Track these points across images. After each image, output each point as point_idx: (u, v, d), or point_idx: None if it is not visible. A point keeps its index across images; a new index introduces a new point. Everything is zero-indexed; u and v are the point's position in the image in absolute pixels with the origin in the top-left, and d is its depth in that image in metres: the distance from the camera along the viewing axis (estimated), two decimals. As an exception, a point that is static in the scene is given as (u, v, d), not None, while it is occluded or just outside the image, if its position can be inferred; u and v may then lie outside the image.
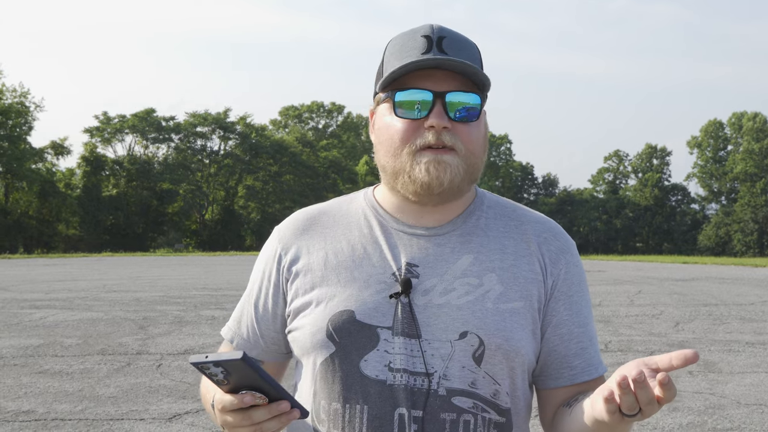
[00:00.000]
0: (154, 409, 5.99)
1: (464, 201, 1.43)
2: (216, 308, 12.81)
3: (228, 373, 1.15)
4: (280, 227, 1.51)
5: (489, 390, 1.32)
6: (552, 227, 1.44)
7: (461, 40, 1.36)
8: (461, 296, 1.34)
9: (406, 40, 1.36)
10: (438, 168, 1.32)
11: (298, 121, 73.55)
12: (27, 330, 10.13)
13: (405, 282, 1.34)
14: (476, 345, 1.31)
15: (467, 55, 1.34)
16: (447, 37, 1.35)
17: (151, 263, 30.23)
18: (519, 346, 1.33)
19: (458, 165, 1.33)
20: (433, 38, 1.34)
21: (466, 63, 1.31)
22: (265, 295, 1.47)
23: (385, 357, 1.32)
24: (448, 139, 1.32)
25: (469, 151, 1.34)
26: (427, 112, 1.32)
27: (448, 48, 1.33)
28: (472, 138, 1.34)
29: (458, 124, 1.33)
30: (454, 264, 1.37)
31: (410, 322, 1.32)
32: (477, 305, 1.33)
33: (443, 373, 1.30)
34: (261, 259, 1.50)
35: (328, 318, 1.35)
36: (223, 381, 1.18)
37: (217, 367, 1.14)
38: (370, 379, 1.32)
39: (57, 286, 17.26)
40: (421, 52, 1.33)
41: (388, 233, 1.41)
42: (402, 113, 1.34)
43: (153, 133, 62.85)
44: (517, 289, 1.36)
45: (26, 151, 53.04)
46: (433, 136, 1.32)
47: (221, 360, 1.13)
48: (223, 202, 64.05)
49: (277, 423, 1.21)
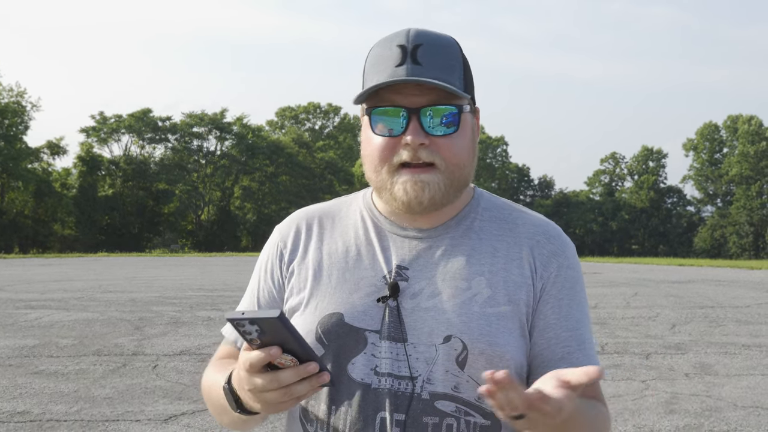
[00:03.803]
0: (150, 410, 5.98)
1: (460, 202, 1.42)
2: (212, 309, 12.78)
3: (262, 332, 1.14)
4: (280, 226, 1.51)
5: (473, 394, 1.32)
6: (547, 230, 1.42)
7: (438, 45, 1.32)
8: (448, 299, 1.34)
9: (383, 50, 1.34)
10: (416, 188, 1.31)
11: (294, 122, 73.53)
12: (22, 330, 10.11)
13: (393, 286, 1.35)
14: (459, 349, 1.31)
15: (443, 62, 1.31)
16: (422, 44, 1.31)
17: (147, 264, 30.18)
18: (504, 350, 1.32)
19: (438, 182, 1.32)
20: (408, 48, 1.31)
21: (433, 82, 1.27)
22: (268, 291, 1.48)
23: (371, 360, 1.33)
24: (425, 155, 1.31)
25: (452, 164, 1.32)
26: (403, 130, 1.31)
27: (422, 57, 1.30)
28: (454, 150, 1.32)
29: (437, 138, 1.31)
30: (443, 267, 1.36)
31: (397, 325, 1.33)
32: (463, 309, 1.33)
33: (427, 377, 1.31)
34: (262, 257, 1.51)
35: (318, 320, 1.36)
36: (255, 340, 1.16)
37: (253, 324, 1.13)
38: (356, 382, 1.33)
39: (52, 287, 17.23)
40: (396, 63, 1.30)
41: (382, 235, 1.41)
42: (379, 131, 1.33)
43: (149, 133, 62.78)
44: (505, 293, 1.35)
45: (22, 150, 52.96)
46: (408, 154, 1.31)
47: (257, 317, 1.12)
48: (219, 203, 64.00)
49: (306, 386, 1.17)
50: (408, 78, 1.28)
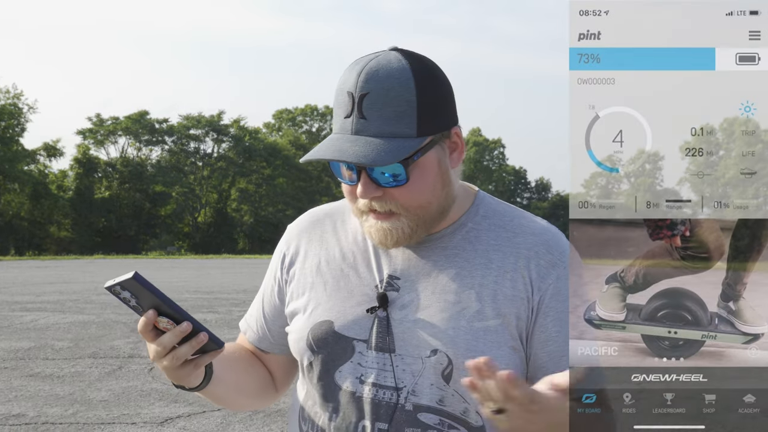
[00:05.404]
0: (146, 413, 5.97)
1: (458, 210, 1.40)
2: (208, 311, 12.76)
3: (136, 297, 1.23)
4: (291, 226, 1.55)
5: (458, 407, 1.32)
6: (546, 240, 1.38)
7: (386, 90, 1.27)
8: (436, 313, 1.33)
9: (339, 92, 1.31)
10: (379, 235, 1.33)
11: (291, 125, 73.52)
12: (18, 332, 10.09)
13: (381, 297, 1.36)
14: (445, 364, 1.31)
15: (390, 111, 1.26)
16: (369, 93, 1.27)
17: (144, 266, 30.15)
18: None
19: (402, 226, 1.32)
20: (355, 97, 1.27)
21: (361, 162, 1.24)
22: (271, 293, 1.53)
23: (357, 369, 1.35)
24: (380, 206, 1.31)
25: (413, 208, 1.31)
26: (356, 182, 1.31)
27: (368, 109, 1.26)
28: (412, 196, 1.30)
29: (390, 189, 1.30)
30: (435, 278, 1.36)
31: (385, 336, 1.34)
32: (450, 323, 1.32)
33: (412, 388, 1.32)
34: (273, 257, 1.55)
35: (310, 327, 1.40)
36: (137, 307, 1.26)
37: (124, 290, 1.22)
38: (343, 389, 1.36)
39: (48, 289, 17.20)
40: (345, 114, 1.29)
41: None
42: (343, 176, 1.34)
43: (146, 136, 62.71)
44: (495, 307, 1.33)
45: (19, 152, 52.86)
46: (366, 204, 1.32)
47: (120, 281, 1.21)
48: (215, 205, 63.94)
49: (187, 347, 1.28)
50: (340, 159, 1.26)
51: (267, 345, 1.55)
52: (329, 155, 1.27)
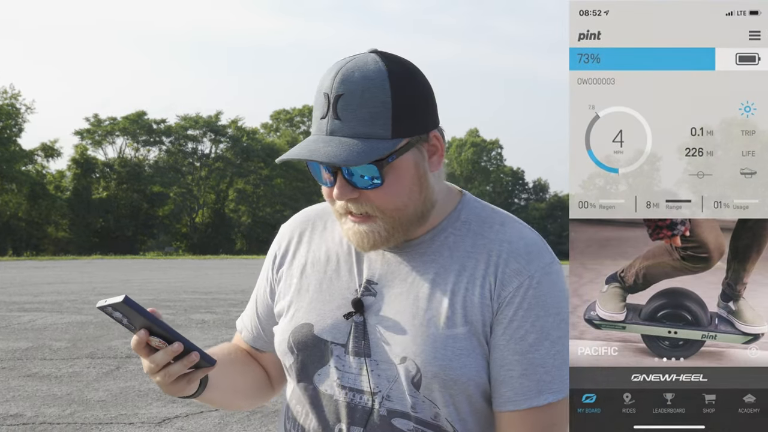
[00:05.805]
0: (144, 413, 5.96)
1: (439, 214, 1.38)
2: (206, 312, 12.76)
3: (128, 318, 1.26)
4: (283, 226, 1.56)
5: (429, 413, 1.33)
6: (518, 248, 1.34)
7: (360, 91, 1.26)
8: (408, 320, 1.34)
9: (318, 92, 1.31)
10: (356, 237, 1.33)
11: (289, 125, 73.54)
12: (15, 333, 10.08)
13: (356, 302, 1.36)
14: (414, 371, 1.32)
15: (364, 112, 1.25)
16: (344, 94, 1.26)
17: (141, 266, 30.11)
18: (458, 374, 1.31)
19: (378, 229, 1.31)
20: (330, 98, 1.27)
21: (332, 163, 1.23)
22: (263, 292, 1.55)
23: (335, 373, 1.37)
24: (356, 208, 1.31)
25: (389, 210, 1.30)
26: (332, 184, 1.31)
27: (342, 111, 1.26)
28: (386, 199, 1.29)
29: (366, 191, 1.29)
30: (410, 285, 1.36)
31: (361, 341, 1.35)
32: (420, 330, 1.32)
33: (387, 393, 1.33)
34: (266, 257, 1.56)
35: (291, 330, 1.41)
36: (130, 326, 1.29)
37: (116, 311, 1.25)
38: (321, 392, 1.38)
39: (46, 289, 17.18)
40: (321, 116, 1.29)
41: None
42: (321, 178, 1.33)
43: (144, 136, 62.68)
44: (463, 314, 1.32)
45: (16, 152, 52.82)
46: (342, 206, 1.32)
47: (111, 303, 1.24)
48: (213, 206, 63.92)
49: (180, 366, 1.30)
50: (311, 159, 1.25)
51: (262, 344, 1.56)
52: (302, 155, 1.26)
